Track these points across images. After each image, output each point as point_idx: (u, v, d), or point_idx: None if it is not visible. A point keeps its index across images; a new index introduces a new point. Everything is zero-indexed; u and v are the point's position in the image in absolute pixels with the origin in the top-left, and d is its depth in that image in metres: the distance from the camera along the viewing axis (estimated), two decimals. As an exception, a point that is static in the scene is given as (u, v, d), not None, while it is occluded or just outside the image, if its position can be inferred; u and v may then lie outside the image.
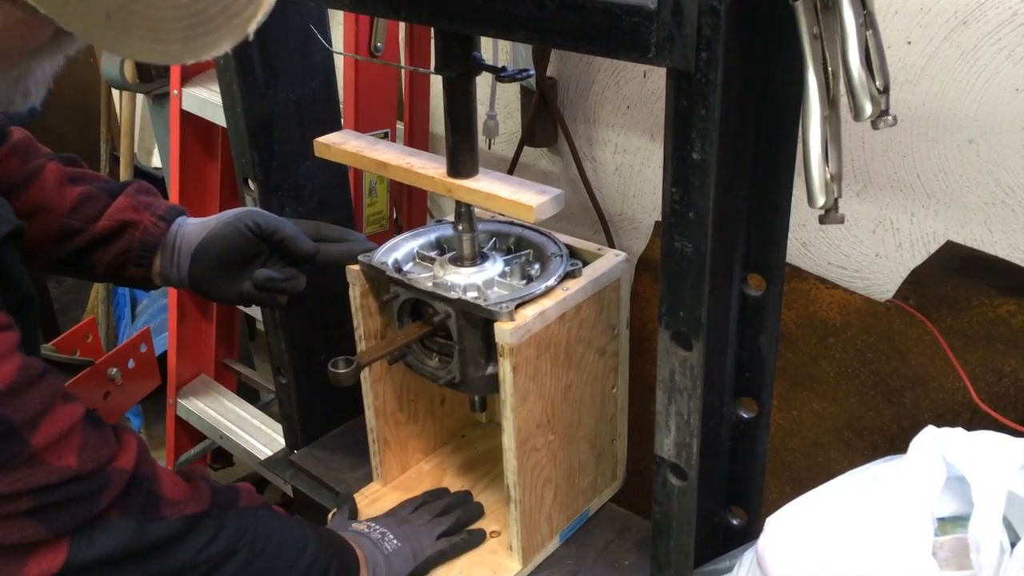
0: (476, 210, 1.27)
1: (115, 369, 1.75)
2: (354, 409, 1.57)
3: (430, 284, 1.25)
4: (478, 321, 1.21)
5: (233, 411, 2.24)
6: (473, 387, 1.28)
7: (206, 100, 1.94)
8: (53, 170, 1.20)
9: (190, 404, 2.26)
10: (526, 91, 1.84)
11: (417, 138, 1.99)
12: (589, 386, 1.31)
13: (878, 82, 0.80)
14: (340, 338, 1.55)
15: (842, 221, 0.86)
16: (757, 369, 1.04)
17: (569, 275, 1.23)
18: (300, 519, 1.23)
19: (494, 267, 1.28)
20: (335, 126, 1.45)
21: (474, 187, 1.18)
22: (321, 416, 1.63)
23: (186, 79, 2.00)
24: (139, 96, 2.55)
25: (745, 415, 1.07)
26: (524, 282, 1.27)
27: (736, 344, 1.03)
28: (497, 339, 1.15)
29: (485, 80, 1.21)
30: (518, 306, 1.16)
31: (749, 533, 1.13)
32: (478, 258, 1.29)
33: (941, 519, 0.91)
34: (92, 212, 1.21)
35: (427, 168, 1.23)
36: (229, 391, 2.32)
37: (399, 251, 1.33)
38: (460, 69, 1.14)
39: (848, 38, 0.78)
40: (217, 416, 2.22)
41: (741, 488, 1.12)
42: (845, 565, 0.87)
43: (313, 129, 1.37)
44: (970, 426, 0.94)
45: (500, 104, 1.91)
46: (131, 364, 1.80)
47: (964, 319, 1.36)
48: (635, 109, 1.75)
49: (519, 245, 1.35)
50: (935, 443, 0.91)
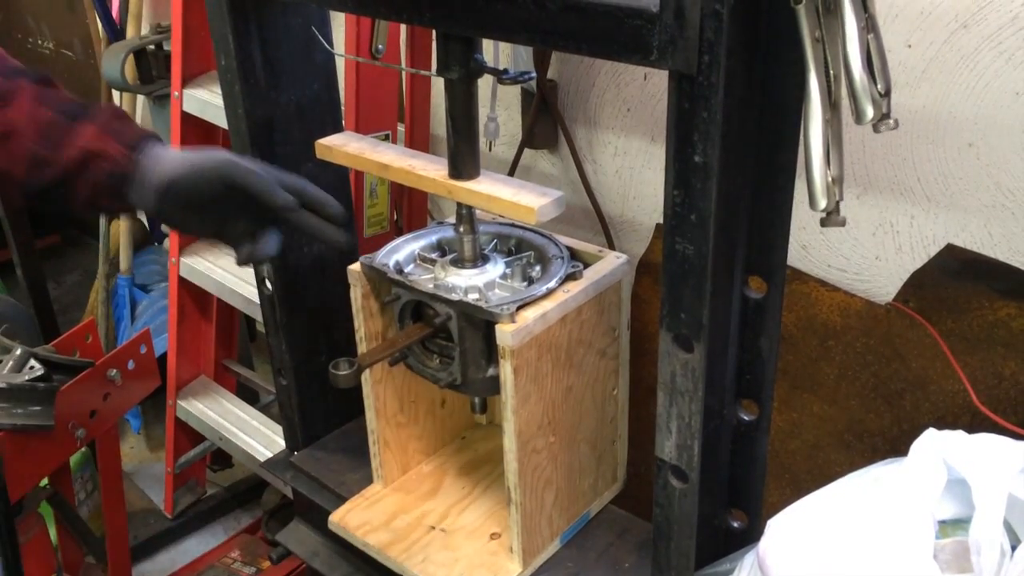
0: (477, 212, 1.28)
1: (115, 370, 1.76)
2: (354, 410, 1.58)
3: (431, 286, 1.25)
4: (479, 323, 1.21)
5: (233, 412, 2.24)
6: (474, 389, 1.28)
7: (207, 102, 1.95)
8: (27, 90, 1.12)
9: (190, 405, 2.27)
10: (527, 93, 1.84)
11: (418, 140, 1.99)
12: (590, 388, 1.31)
13: (879, 85, 0.80)
14: (341, 339, 1.55)
15: (843, 224, 0.86)
16: (758, 371, 1.04)
17: (570, 277, 1.24)
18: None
19: (495, 269, 1.29)
20: (336, 128, 1.45)
21: (476, 189, 1.18)
22: (321, 417, 1.63)
23: (187, 80, 2.00)
24: (139, 97, 2.55)
25: (746, 417, 1.08)
26: (525, 284, 1.27)
27: (737, 346, 1.03)
28: (498, 341, 1.15)
29: (485, 82, 1.21)
30: (519, 308, 1.17)
31: (750, 536, 1.13)
32: (479, 260, 1.29)
33: (942, 522, 0.91)
34: (60, 139, 1.11)
35: (428, 170, 1.23)
36: (229, 392, 2.33)
37: (400, 253, 1.33)
38: (462, 71, 1.14)
39: (850, 41, 0.79)
40: (217, 417, 2.23)
41: (741, 491, 1.12)
42: (846, 568, 0.87)
43: (314, 131, 1.38)
44: (970, 429, 0.94)
45: (500, 106, 1.91)
46: (131, 365, 1.80)
47: (964, 322, 1.36)
48: (635, 111, 1.75)
49: (520, 247, 1.35)
50: (936, 446, 0.91)
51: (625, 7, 0.84)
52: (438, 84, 1.98)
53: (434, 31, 1.16)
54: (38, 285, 2.64)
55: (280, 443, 2.01)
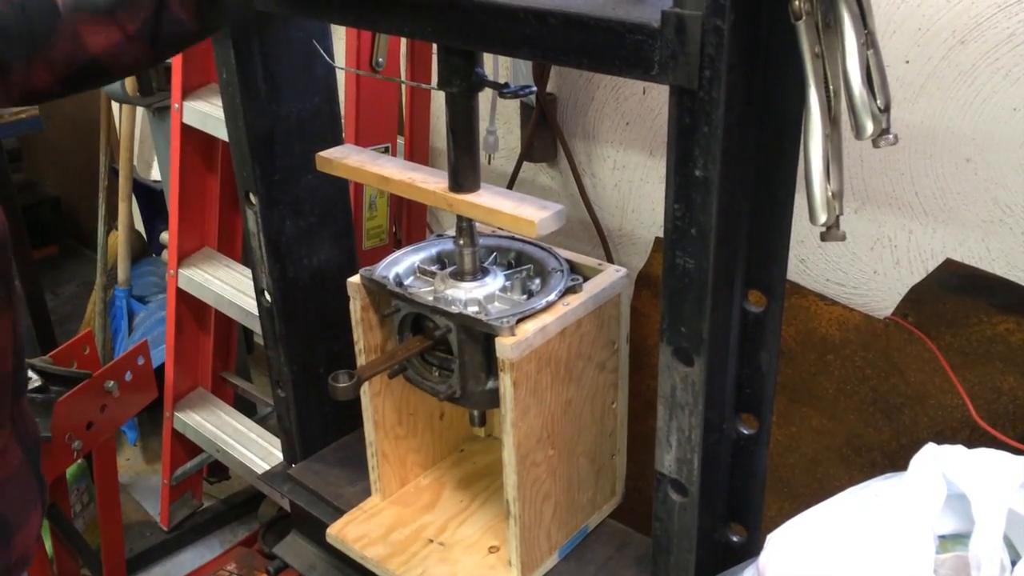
0: (477, 225, 1.28)
1: (112, 382, 1.75)
2: (353, 423, 1.57)
3: (431, 298, 1.25)
4: (479, 336, 1.21)
5: (230, 424, 2.23)
6: (473, 401, 1.28)
7: (207, 114, 1.95)
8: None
9: (187, 417, 2.26)
10: (526, 107, 1.85)
11: (417, 153, 1.99)
12: (589, 401, 1.31)
13: (879, 101, 0.81)
14: (339, 351, 1.55)
15: (843, 238, 0.87)
16: (757, 385, 1.04)
17: (570, 290, 1.24)
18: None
19: (495, 282, 1.29)
20: (337, 140, 1.45)
21: (476, 202, 1.19)
22: (319, 430, 1.62)
23: (187, 93, 2.01)
24: (138, 109, 2.55)
25: (745, 431, 1.08)
26: (525, 297, 1.28)
27: (737, 360, 1.03)
28: (498, 354, 1.15)
29: (485, 96, 1.22)
30: (519, 321, 1.17)
31: (749, 550, 1.13)
32: (479, 273, 1.29)
33: (942, 537, 0.91)
34: None
35: (429, 183, 1.23)
36: (226, 404, 2.32)
37: (400, 265, 1.33)
38: (463, 85, 1.15)
39: (849, 57, 0.79)
40: (214, 429, 2.22)
41: (741, 505, 1.12)
42: (846, 582, 0.87)
43: (314, 143, 1.38)
44: (969, 444, 0.94)
45: (500, 119, 1.92)
46: (128, 377, 1.79)
47: (963, 337, 1.36)
48: (634, 125, 1.76)
49: (520, 260, 1.35)
50: (936, 460, 0.91)
51: (626, 22, 0.85)
52: (437, 97, 1.99)
53: (436, 45, 1.16)
54: (36, 296, 2.63)
55: (277, 455, 2.00)
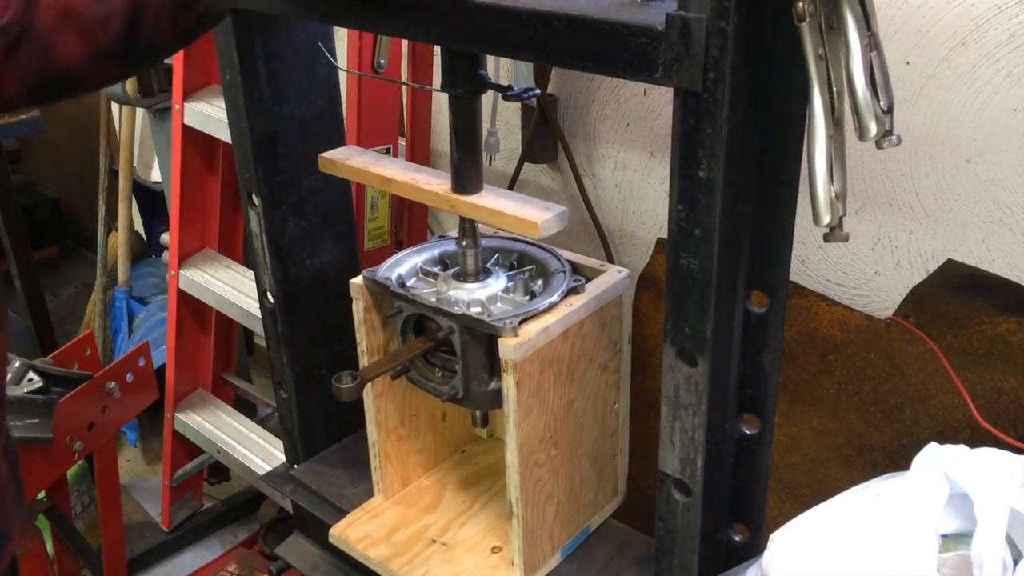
0: (479, 226, 1.28)
1: (113, 383, 1.75)
2: (355, 424, 1.58)
3: (434, 299, 1.25)
4: (482, 336, 1.22)
5: (231, 425, 2.23)
6: (476, 402, 1.28)
7: (208, 115, 1.95)
8: None
9: (187, 418, 2.26)
10: (526, 108, 1.85)
11: (419, 154, 2.00)
12: (591, 402, 1.31)
13: (882, 102, 0.81)
14: (342, 352, 1.55)
15: (846, 239, 0.87)
16: (760, 386, 1.05)
17: (572, 291, 1.24)
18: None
19: (497, 283, 1.29)
20: (339, 142, 1.46)
21: (479, 203, 1.19)
22: (322, 430, 1.63)
23: (188, 94, 2.01)
24: (138, 110, 2.55)
25: (748, 431, 1.08)
26: (527, 298, 1.28)
27: (739, 360, 1.04)
28: (501, 355, 1.16)
29: (486, 97, 1.22)
30: (522, 322, 1.17)
31: (751, 550, 1.13)
32: (481, 274, 1.30)
33: (944, 536, 0.91)
34: None
35: (431, 184, 1.23)
36: (227, 405, 2.32)
37: (402, 266, 1.33)
38: (467, 87, 1.15)
39: (853, 59, 0.80)
40: (215, 430, 2.22)
41: (743, 504, 1.12)
42: (850, 581, 0.87)
43: (317, 145, 1.38)
44: (970, 443, 0.95)
45: (501, 121, 1.92)
46: (129, 377, 1.80)
47: (964, 337, 1.37)
48: (635, 126, 1.76)
49: (522, 261, 1.36)
50: (938, 460, 0.92)
51: (631, 25, 0.85)
52: (438, 99, 1.99)
53: (439, 47, 1.17)
54: (36, 297, 2.63)
55: (278, 456, 2.01)
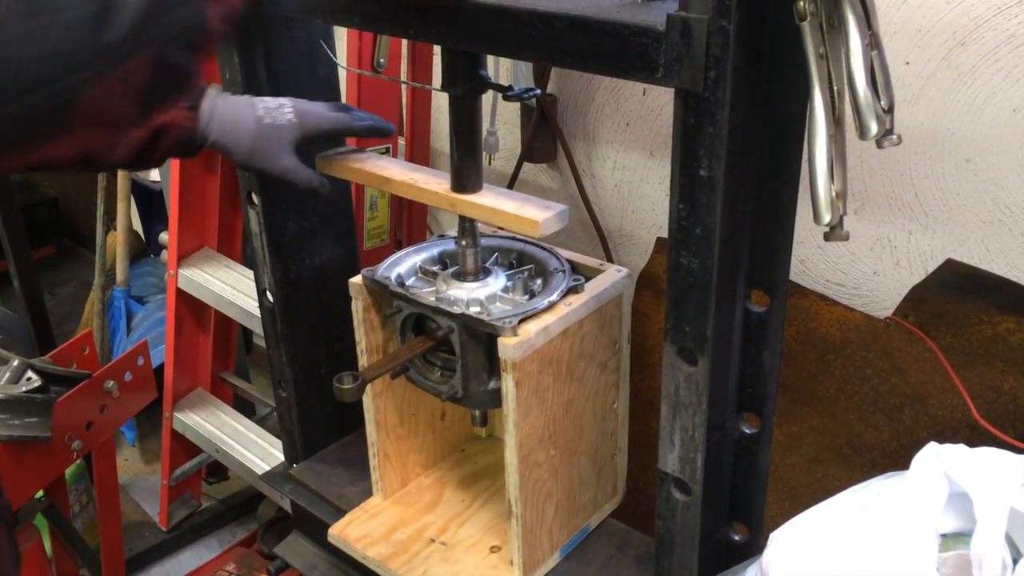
0: (478, 225, 1.28)
1: (112, 382, 1.75)
2: (354, 423, 1.58)
3: (433, 299, 1.25)
4: (481, 336, 1.22)
5: (229, 424, 2.23)
6: (475, 402, 1.28)
7: (207, 114, 1.94)
8: None
9: (186, 417, 2.26)
10: (526, 108, 1.85)
11: (418, 154, 2.00)
12: (591, 401, 1.31)
13: (883, 101, 0.81)
14: (341, 351, 1.55)
15: (847, 238, 0.87)
16: (760, 385, 1.05)
17: (572, 290, 1.24)
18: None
19: (497, 282, 1.29)
20: (339, 141, 1.45)
21: (479, 202, 1.19)
22: (321, 430, 1.63)
23: (187, 93, 2.01)
24: (138, 109, 2.54)
25: (747, 431, 1.08)
26: (527, 297, 1.28)
27: (739, 360, 1.04)
28: (500, 354, 1.16)
29: (485, 96, 1.22)
30: (521, 321, 1.17)
31: (751, 549, 1.13)
32: (481, 273, 1.30)
33: (944, 535, 0.91)
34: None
35: (431, 183, 1.23)
36: (225, 405, 2.32)
37: (402, 266, 1.33)
38: (467, 87, 1.15)
39: (854, 58, 0.80)
40: (213, 430, 2.22)
41: (743, 504, 1.13)
42: (850, 580, 0.87)
43: (317, 144, 1.38)
44: (969, 443, 0.95)
45: (500, 120, 1.92)
46: (128, 377, 1.79)
47: (963, 337, 1.37)
48: (634, 126, 1.76)
49: (521, 260, 1.36)
50: (937, 459, 0.92)
51: (632, 25, 0.85)
52: (438, 98, 1.99)
53: (440, 47, 1.17)
54: (35, 296, 2.62)
55: (277, 456, 2.00)
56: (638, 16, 0.86)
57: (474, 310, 1.22)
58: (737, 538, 1.15)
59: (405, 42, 1.82)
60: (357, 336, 1.34)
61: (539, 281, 1.31)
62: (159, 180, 2.51)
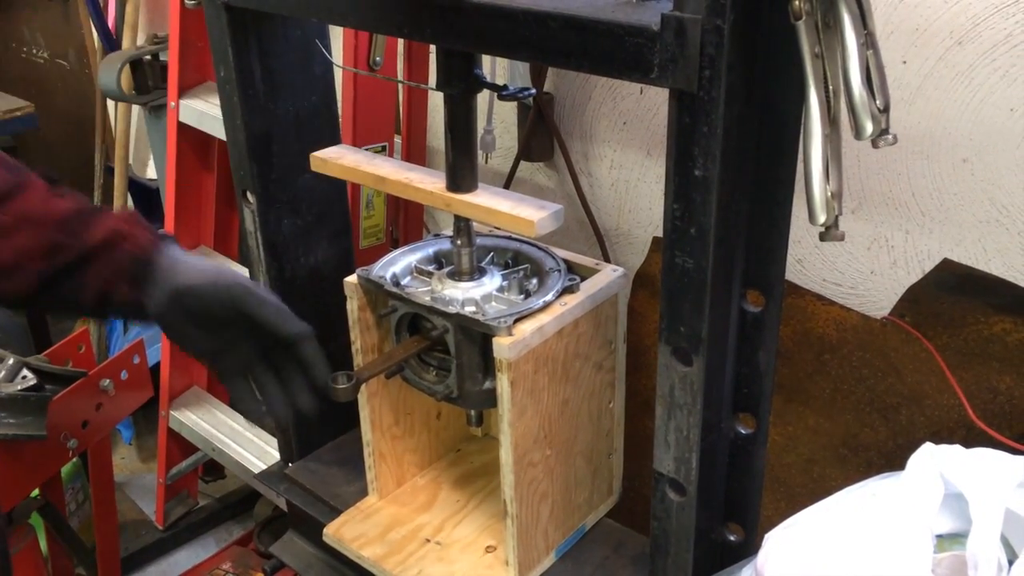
0: (474, 225, 1.28)
1: (108, 380, 1.75)
2: (349, 422, 1.57)
3: (428, 298, 1.25)
4: (476, 336, 1.21)
5: (225, 423, 2.23)
6: (470, 402, 1.28)
7: (203, 112, 1.94)
8: (39, 184, 1.09)
9: (182, 416, 2.25)
10: (523, 106, 1.85)
11: (415, 152, 1.99)
12: (586, 401, 1.31)
13: (879, 101, 0.81)
14: (335, 351, 1.53)
15: (842, 238, 0.87)
16: (755, 385, 1.05)
17: (567, 290, 1.24)
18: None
19: (492, 282, 1.29)
20: (334, 140, 1.45)
21: (474, 202, 1.19)
22: (316, 429, 1.62)
23: (183, 91, 2.00)
24: (134, 107, 2.54)
25: (743, 431, 1.08)
26: (522, 297, 1.27)
27: (735, 360, 1.04)
28: (495, 354, 1.15)
29: (482, 95, 1.22)
30: (516, 321, 1.17)
31: (746, 550, 1.13)
32: (476, 272, 1.29)
33: (939, 536, 0.91)
34: (83, 226, 1.07)
35: (426, 183, 1.23)
36: (222, 403, 2.31)
37: (397, 265, 1.33)
38: (462, 87, 1.14)
39: (849, 57, 0.79)
40: (209, 428, 2.21)
41: (738, 504, 1.12)
42: (845, 582, 0.87)
43: (312, 142, 1.38)
44: (965, 443, 0.95)
45: (497, 119, 1.92)
46: (124, 375, 1.79)
47: (959, 337, 1.37)
48: (631, 125, 1.76)
49: (517, 260, 1.35)
50: (933, 460, 0.91)
51: (626, 25, 0.85)
52: (434, 96, 1.98)
53: (435, 46, 1.16)
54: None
55: (273, 454, 2.00)
56: (632, 16, 0.86)
57: (469, 310, 1.22)
58: (732, 538, 1.14)
59: (401, 40, 1.82)
60: (352, 336, 1.34)
61: (535, 281, 1.31)
62: (156, 178, 2.50)
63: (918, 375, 1.41)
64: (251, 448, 2.14)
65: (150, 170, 2.89)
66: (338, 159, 1.30)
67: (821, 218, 0.84)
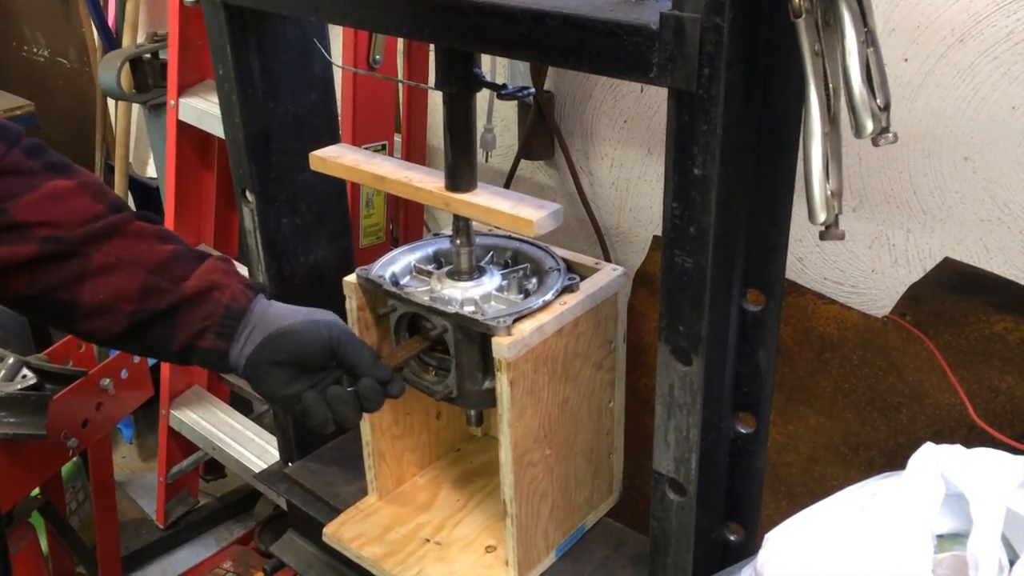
0: (473, 224, 1.27)
1: (108, 379, 1.75)
2: (349, 422, 1.57)
3: (427, 298, 1.25)
4: (475, 335, 1.21)
5: (226, 422, 2.23)
6: (470, 401, 1.27)
7: (203, 111, 1.94)
8: (139, 224, 1.08)
9: (183, 415, 2.25)
10: (523, 105, 1.84)
11: (414, 151, 1.99)
12: (586, 400, 1.31)
13: (879, 99, 0.81)
14: (336, 350, 1.54)
15: (842, 237, 0.86)
16: (755, 384, 1.04)
17: (567, 289, 1.23)
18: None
19: (491, 281, 1.28)
20: (333, 138, 1.45)
21: (473, 201, 1.18)
22: (316, 429, 1.62)
23: (183, 90, 2.00)
24: (134, 106, 2.54)
25: (743, 430, 1.07)
26: (521, 296, 1.27)
27: (735, 359, 1.03)
28: (495, 354, 1.15)
29: (482, 93, 1.21)
30: (516, 320, 1.16)
31: (747, 549, 1.13)
32: (475, 272, 1.29)
33: (940, 536, 0.91)
34: (181, 272, 1.07)
35: (425, 182, 1.23)
36: (222, 402, 2.31)
37: (396, 264, 1.33)
38: (461, 85, 1.14)
39: (849, 55, 0.79)
40: (210, 427, 2.21)
41: (739, 504, 1.12)
42: (845, 582, 0.86)
43: (311, 141, 1.37)
44: (967, 443, 0.94)
45: (497, 117, 1.92)
46: (124, 374, 1.79)
47: (961, 336, 1.36)
48: (632, 123, 1.76)
49: (516, 259, 1.35)
50: (934, 460, 0.91)
51: (625, 24, 0.84)
52: (434, 95, 1.98)
53: (433, 45, 1.16)
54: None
55: (273, 453, 2.00)
56: (631, 15, 0.85)
57: (468, 309, 1.21)
58: (733, 538, 1.14)
59: (401, 39, 1.82)
60: (352, 335, 1.33)
61: (534, 280, 1.30)
62: (156, 176, 2.50)
63: (919, 374, 1.41)
64: (251, 447, 2.14)
65: (150, 168, 2.89)
66: (337, 158, 1.30)
67: (821, 217, 0.84)
